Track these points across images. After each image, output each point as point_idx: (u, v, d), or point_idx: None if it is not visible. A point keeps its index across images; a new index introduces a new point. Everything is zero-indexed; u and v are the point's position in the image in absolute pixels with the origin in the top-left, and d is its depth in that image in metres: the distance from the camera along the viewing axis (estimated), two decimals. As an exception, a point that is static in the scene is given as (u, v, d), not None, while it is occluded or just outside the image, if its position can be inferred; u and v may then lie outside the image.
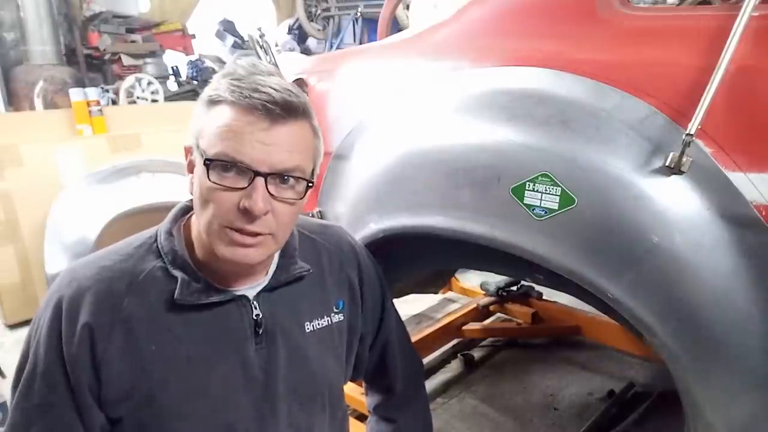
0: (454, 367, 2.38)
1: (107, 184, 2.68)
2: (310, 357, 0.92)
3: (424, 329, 2.39)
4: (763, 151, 0.82)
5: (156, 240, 0.85)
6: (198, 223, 0.80)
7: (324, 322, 0.95)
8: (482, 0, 1.28)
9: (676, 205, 0.86)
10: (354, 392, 1.91)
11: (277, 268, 0.90)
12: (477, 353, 2.46)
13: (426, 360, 2.38)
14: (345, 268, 1.01)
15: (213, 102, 0.77)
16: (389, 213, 1.23)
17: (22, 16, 4.27)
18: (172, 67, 5.57)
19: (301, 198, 0.80)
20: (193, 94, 5.25)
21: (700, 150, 0.85)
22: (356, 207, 1.34)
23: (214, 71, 5.90)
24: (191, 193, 0.81)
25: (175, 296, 0.80)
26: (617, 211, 0.90)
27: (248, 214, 0.74)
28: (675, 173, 0.86)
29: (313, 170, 0.83)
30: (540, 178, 0.96)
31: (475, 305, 2.63)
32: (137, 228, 0.90)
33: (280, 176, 0.76)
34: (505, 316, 2.73)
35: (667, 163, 0.86)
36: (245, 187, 0.74)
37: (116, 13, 5.11)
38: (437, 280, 2.03)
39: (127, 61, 4.87)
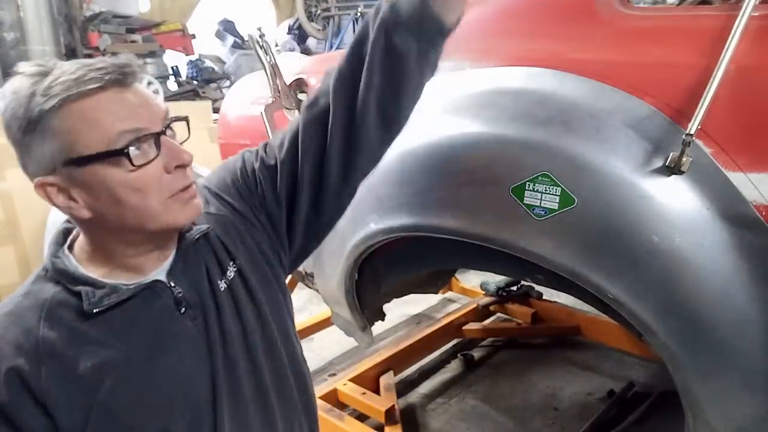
0: (454, 367, 2.38)
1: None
2: (238, 311, 0.89)
3: (424, 329, 2.39)
4: (763, 151, 0.82)
5: (47, 271, 0.82)
6: (123, 227, 0.77)
7: (231, 274, 0.90)
8: (482, 0, 1.28)
9: (676, 205, 0.86)
10: (355, 392, 1.91)
11: (179, 239, 0.87)
12: (477, 353, 2.46)
13: (426, 360, 2.38)
14: (230, 198, 0.94)
15: (62, 108, 0.70)
16: (390, 213, 1.23)
17: (22, 16, 4.28)
18: (172, 67, 5.58)
19: (187, 137, 0.81)
20: (193, 94, 5.26)
21: (700, 150, 0.85)
22: (356, 207, 1.33)
23: (214, 71, 5.92)
24: (86, 218, 0.76)
25: (85, 307, 0.77)
26: (617, 211, 0.90)
27: (181, 171, 0.76)
28: (675, 173, 0.86)
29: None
30: (540, 178, 0.97)
31: (475, 305, 2.63)
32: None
33: (167, 124, 0.77)
34: (505, 316, 2.73)
35: (667, 163, 0.86)
36: (158, 153, 0.74)
37: (116, 13, 5.12)
38: (437, 280, 2.03)
39: (127, 61, 4.87)
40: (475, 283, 2.89)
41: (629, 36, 1.01)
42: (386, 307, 1.70)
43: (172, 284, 0.84)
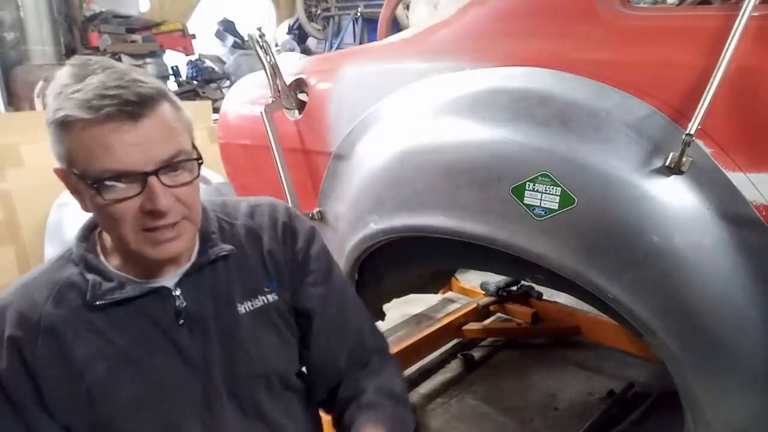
0: (453, 367, 2.38)
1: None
2: (244, 338, 0.90)
3: (424, 329, 2.39)
4: (763, 151, 0.82)
5: (72, 251, 0.85)
6: (113, 238, 0.81)
7: (258, 302, 0.92)
8: (482, 0, 1.28)
9: (676, 205, 0.86)
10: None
11: (198, 252, 0.89)
12: (477, 353, 2.46)
13: (426, 360, 2.38)
14: (269, 246, 0.95)
15: (66, 124, 0.71)
16: (390, 213, 1.23)
17: (22, 16, 4.28)
18: (173, 67, 5.58)
19: (197, 175, 0.80)
20: (193, 94, 5.26)
21: (700, 150, 0.85)
22: (356, 207, 1.34)
23: (214, 71, 5.92)
24: (87, 211, 0.80)
25: (87, 297, 0.80)
26: (617, 211, 0.90)
27: (156, 214, 0.74)
28: (675, 173, 0.86)
29: (193, 144, 0.81)
30: (540, 178, 0.97)
31: (475, 305, 2.63)
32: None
33: (168, 166, 0.75)
34: (505, 316, 2.73)
35: (667, 163, 0.85)
36: (140, 192, 0.73)
37: (116, 13, 5.12)
38: (437, 280, 2.03)
39: (127, 61, 4.88)
40: (475, 283, 2.89)
41: (629, 36, 1.01)
42: (386, 307, 1.70)
43: (178, 293, 0.85)
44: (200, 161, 0.80)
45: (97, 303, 0.80)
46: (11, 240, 2.75)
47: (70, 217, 2.58)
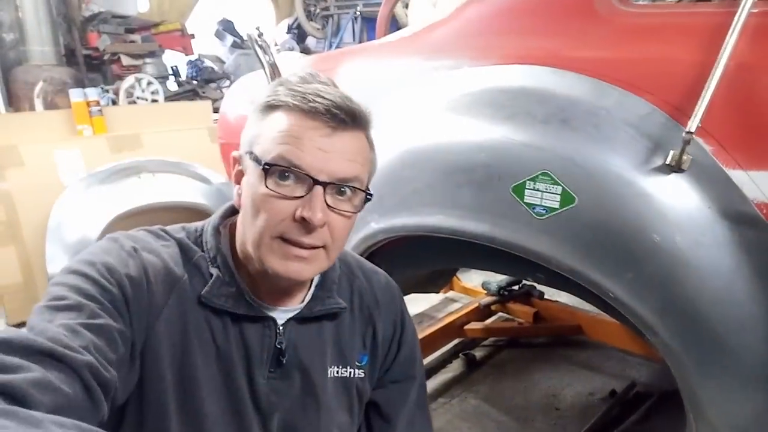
0: (455, 367, 2.37)
1: (108, 184, 2.67)
2: (323, 403, 0.85)
3: (426, 329, 2.38)
4: (763, 148, 0.81)
5: (202, 234, 0.82)
6: (244, 235, 0.76)
7: (345, 372, 0.88)
8: (481, -2, 1.27)
9: (677, 203, 0.86)
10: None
11: (312, 297, 0.85)
12: (479, 353, 2.46)
13: (428, 360, 2.37)
14: (377, 321, 0.93)
15: (271, 107, 0.73)
16: (390, 212, 1.22)
17: (21, 17, 4.27)
18: (172, 67, 5.57)
19: (358, 210, 0.77)
20: (193, 94, 5.25)
21: (700, 148, 0.85)
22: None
23: (213, 71, 5.91)
24: (238, 206, 0.78)
25: (202, 292, 0.76)
26: (618, 209, 0.89)
27: (305, 225, 0.71)
28: (675, 171, 0.85)
29: (367, 185, 0.79)
30: (540, 176, 0.96)
31: (476, 305, 2.63)
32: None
33: (339, 186, 0.73)
34: (507, 316, 2.72)
35: (667, 161, 0.85)
36: (302, 196, 0.71)
37: (115, 13, 5.11)
38: (438, 280, 2.03)
39: (126, 61, 4.88)
40: (476, 282, 2.89)
41: (628, 33, 1.00)
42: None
43: (281, 329, 0.82)
44: (369, 198, 0.78)
45: (204, 301, 0.77)
46: (12, 240, 2.75)
47: (70, 217, 2.58)
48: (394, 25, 3.85)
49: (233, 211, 0.85)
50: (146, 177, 2.76)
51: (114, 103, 4.05)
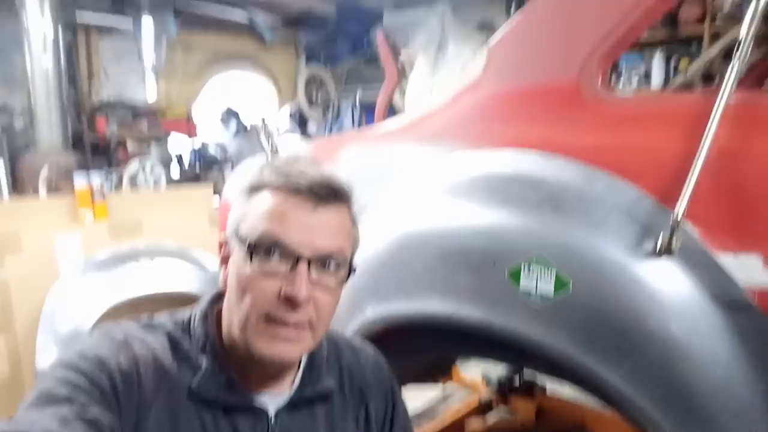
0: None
1: (105, 271, 2.66)
2: None
3: (423, 424, 2.29)
4: (749, 232, 0.82)
5: (190, 321, 0.81)
6: (230, 318, 0.76)
7: None
8: (474, 87, 1.33)
9: (670, 288, 0.86)
10: None
11: (302, 379, 0.84)
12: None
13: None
14: (369, 400, 0.92)
15: (255, 188, 0.76)
16: (386, 298, 1.21)
17: (32, 104, 4.43)
18: (176, 155, 5.72)
19: (342, 285, 0.78)
20: (195, 179, 5.36)
21: (688, 232, 0.86)
22: (354, 291, 1.32)
23: (216, 156, 6.07)
24: (224, 289, 0.79)
25: (193, 385, 0.75)
26: (612, 295, 0.89)
27: (290, 302, 0.72)
28: (665, 256, 0.86)
29: (351, 259, 0.80)
30: (535, 261, 0.97)
31: (476, 399, 2.54)
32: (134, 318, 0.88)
33: (323, 261, 0.74)
34: (508, 409, 2.62)
35: (657, 246, 0.86)
36: (287, 274, 0.72)
37: (124, 100, 5.32)
38: (438, 370, 1.98)
39: (132, 146, 5.01)
40: (476, 373, 2.80)
41: (614, 121, 1.04)
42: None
43: (273, 421, 0.80)
44: (352, 273, 0.80)
45: (198, 394, 0.75)
46: (4, 329, 2.69)
47: (64, 307, 2.54)
48: (392, 111, 3.99)
49: (221, 296, 0.84)
50: (145, 262, 2.76)
51: (117, 188, 4.12)
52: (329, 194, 0.75)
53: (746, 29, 0.87)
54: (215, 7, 5.52)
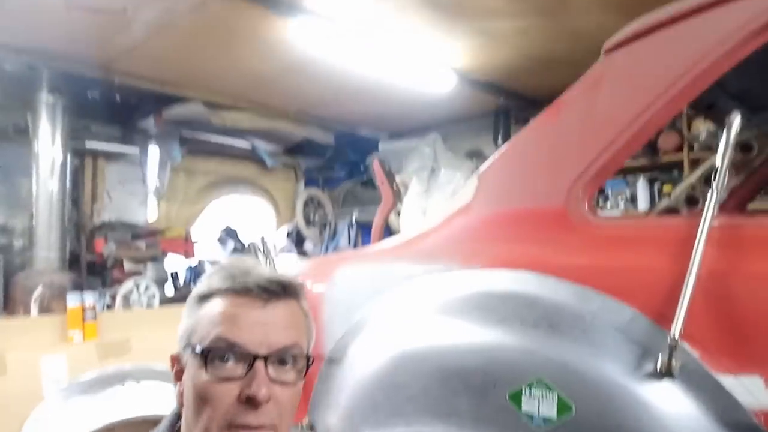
0: None
1: (89, 394, 2.56)
2: None
3: None
4: (748, 353, 0.82)
5: None
6: None
7: None
8: (466, 210, 1.38)
9: (673, 411, 0.84)
10: None
11: None
12: None
13: None
14: None
15: (204, 297, 0.77)
16: (384, 422, 1.17)
17: (33, 224, 4.50)
18: (172, 273, 5.72)
19: (302, 378, 0.78)
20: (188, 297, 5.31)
21: (687, 353, 0.86)
22: (349, 416, 1.28)
23: (212, 274, 6.07)
24: (180, 404, 0.78)
25: None
26: (615, 418, 0.87)
27: (251, 404, 0.70)
28: (667, 377, 0.85)
29: (308, 350, 0.81)
30: (536, 383, 0.95)
31: None
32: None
33: (280, 358, 0.74)
34: None
35: (657, 367, 0.85)
36: (244, 375, 0.71)
37: (124, 221, 5.42)
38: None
39: (128, 266, 5.02)
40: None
41: (601, 243, 1.08)
42: None
43: None
44: (310, 363, 0.79)
45: None
46: (-24, 456, 2.54)
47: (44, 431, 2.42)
48: (388, 231, 4.09)
49: (180, 417, 0.82)
50: (130, 385, 2.66)
51: (109, 307, 4.07)
52: (278, 290, 0.76)
53: (720, 159, 0.92)
54: (219, 135, 5.83)
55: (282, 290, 0.77)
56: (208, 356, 0.72)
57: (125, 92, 4.78)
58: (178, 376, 0.79)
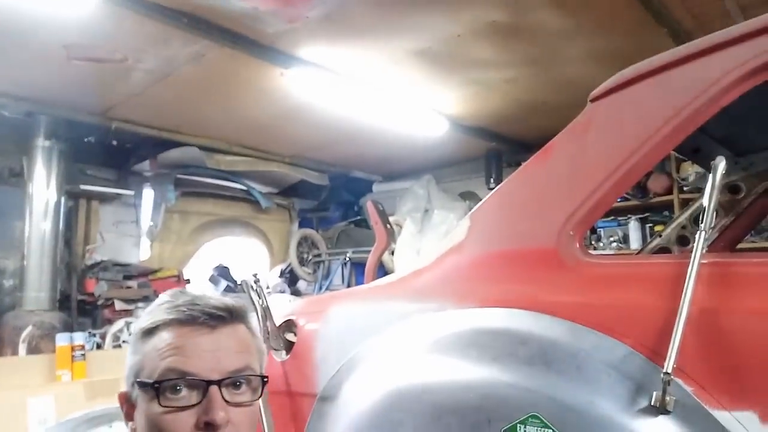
0: None
1: (75, 435, 2.50)
2: None
3: None
4: (741, 388, 0.83)
5: None
6: None
7: None
8: (458, 249, 1.40)
9: (671, 448, 0.84)
10: None
11: None
12: None
13: None
14: None
15: (149, 331, 0.76)
16: (377, 462, 1.16)
17: (24, 265, 4.46)
18: (163, 312, 5.65)
19: (258, 397, 0.77)
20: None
21: (681, 389, 0.86)
22: (342, 456, 1.26)
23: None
24: None
25: None
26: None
27: (210, 429, 0.70)
28: (661, 413, 0.85)
29: (261, 369, 0.80)
30: (530, 419, 0.95)
31: None
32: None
33: (233, 381, 0.74)
34: None
35: (652, 403, 0.85)
36: (200, 402, 0.71)
37: (117, 261, 5.38)
38: None
39: (119, 305, 4.97)
40: None
41: (593, 282, 1.09)
42: None
43: None
44: (266, 381, 0.79)
45: None
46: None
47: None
48: (382, 270, 4.09)
49: None
50: (118, 426, 2.60)
51: (99, 347, 4.01)
52: (225, 315, 0.76)
53: (707, 201, 0.95)
54: (214, 177, 5.86)
55: (229, 315, 0.77)
56: (160, 388, 0.72)
57: (122, 137, 4.84)
58: (129, 415, 0.78)
